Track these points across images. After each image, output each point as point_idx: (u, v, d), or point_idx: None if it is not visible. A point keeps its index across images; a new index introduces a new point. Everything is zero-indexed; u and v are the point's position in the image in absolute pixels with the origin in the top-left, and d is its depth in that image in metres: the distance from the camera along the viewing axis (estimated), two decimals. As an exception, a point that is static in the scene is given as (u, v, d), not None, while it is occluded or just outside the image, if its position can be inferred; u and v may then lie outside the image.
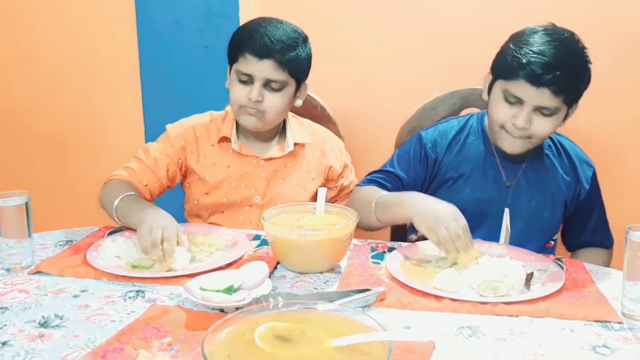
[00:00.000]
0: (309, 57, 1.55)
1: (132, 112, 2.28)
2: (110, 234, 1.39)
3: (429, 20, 2.01)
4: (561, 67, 1.29)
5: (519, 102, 1.34)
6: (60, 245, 1.34)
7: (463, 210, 1.37)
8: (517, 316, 1.02)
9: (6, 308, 1.03)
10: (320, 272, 1.21)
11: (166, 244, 1.20)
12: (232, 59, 1.52)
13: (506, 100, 1.36)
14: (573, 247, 1.60)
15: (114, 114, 2.34)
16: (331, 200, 1.70)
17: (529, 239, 1.46)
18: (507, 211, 1.42)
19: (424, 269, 1.22)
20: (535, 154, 1.48)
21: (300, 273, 1.20)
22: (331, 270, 1.22)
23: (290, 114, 1.67)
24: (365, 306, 1.05)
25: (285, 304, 0.91)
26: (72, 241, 1.36)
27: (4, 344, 0.91)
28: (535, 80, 1.29)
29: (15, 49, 2.34)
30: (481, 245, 1.31)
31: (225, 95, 1.59)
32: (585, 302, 1.07)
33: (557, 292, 1.09)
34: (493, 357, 0.90)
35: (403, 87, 2.07)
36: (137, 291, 1.11)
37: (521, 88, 1.32)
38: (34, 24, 2.30)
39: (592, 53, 1.36)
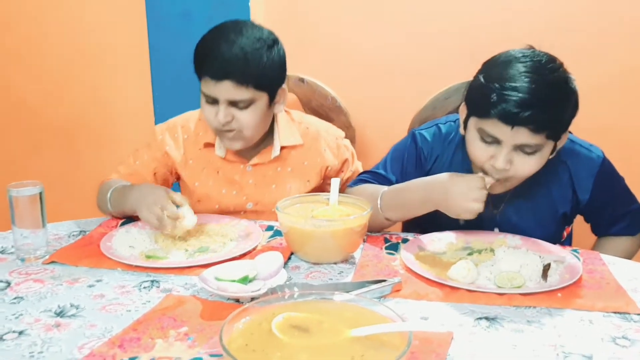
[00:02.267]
0: (278, 63, 1.42)
1: (142, 103, 2.27)
2: (123, 224, 1.39)
3: (442, 9, 1.99)
4: (538, 103, 1.14)
5: (496, 141, 1.21)
6: (73, 235, 1.34)
7: (450, 228, 1.33)
8: (535, 307, 1.01)
9: (22, 298, 1.03)
10: (335, 263, 1.20)
11: (166, 212, 1.24)
12: (197, 76, 1.44)
13: (482, 139, 1.23)
14: (599, 235, 1.50)
15: (124, 104, 2.34)
16: None
17: None
18: (496, 232, 1.36)
19: (439, 260, 1.21)
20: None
21: (315, 264, 1.20)
22: (345, 261, 1.21)
23: (280, 114, 1.56)
24: (381, 297, 1.04)
25: (302, 294, 0.90)
26: (85, 231, 1.36)
27: (20, 333, 0.91)
28: (510, 119, 1.15)
29: (25, 40, 2.34)
30: (496, 237, 1.30)
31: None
32: (603, 294, 1.05)
33: (575, 283, 1.08)
34: (512, 348, 0.89)
35: (415, 77, 2.05)
36: (152, 281, 1.10)
37: (496, 128, 1.18)
38: (43, 15, 2.30)
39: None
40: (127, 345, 0.88)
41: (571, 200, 1.38)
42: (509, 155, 1.20)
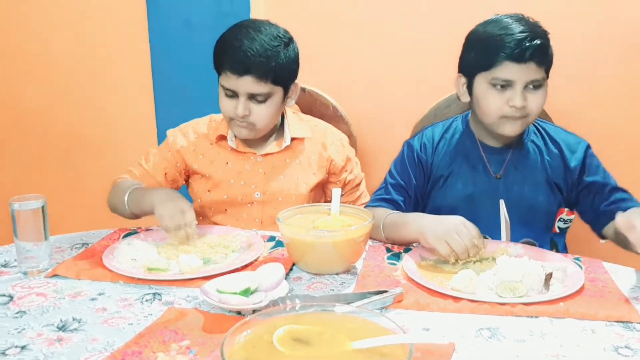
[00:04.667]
0: (293, 60, 1.51)
1: (144, 113, 2.28)
2: (125, 236, 1.39)
3: (442, 17, 2.00)
4: (535, 37, 1.33)
5: (509, 84, 1.35)
6: (76, 248, 1.34)
7: (458, 207, 1.42)
8: (537, 317, 1.01)
9: (24, 312, 1.03)
10: (336, 274, 1.20)
11: (189, 229, 1.31)
12: (217, 71, 1.52)
13: (495, 87, 1.37)
14: (601, 219, 1.44)
15: (126, 114, 2.34)
16: None
17: (529, 225, 1.46)
18: (502, 202, 1.43)
19: (441, 269, 1.21)
20: (519, 142, 1.48)
21: (316, 274, 1.20)
22: (347, 271, 1.21)
23: (290, 111, 1.68)
24: (383, 308, 1.04)
25: (303, 306, 0.91)
26: (87, 244, 1.36)
27: (23, 347, 0.92)
28: (520, 57, 1.32)
29: (26, 51, 2.35)
30: (498, 246, 1.30)
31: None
32: (605, 302, 1.05)
33: (577, 292, 1.08)
34: (514, 358, 0.89)
35: (416, 86, 2.05)
36: (154, 294, 1.11)
37: (508, 70, 1.34)
38: (44, 25, 2.31)
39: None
40: (129, 359, 0.88)
41: (563, 172, 1.48)
42: (523, 93, 1.35)
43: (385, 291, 1.06)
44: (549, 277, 1.11)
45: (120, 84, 2.32)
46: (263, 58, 1.42)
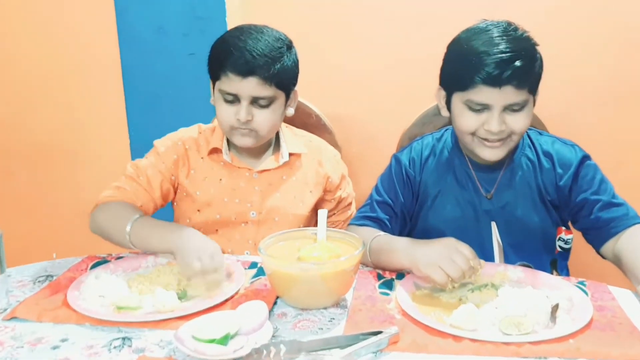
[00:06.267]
0: (295, 64, 1.44)
1: (116, 123, 2.16)
2: (93, 267, 1.28)
3: (429, 22, 1.91)
4: (515, 58, 1.20)
5: (485, 107, 1.25)
6: (39, 281, 1.23)
7: (447, 229, 1.33)
8: (546, 358, 0.92)
9: (-24, 366, 0.92)
10: (325, 308, 1.10)
11: (215, 275, 1.15)
12: (214, 76, 1.41)
13: (471, 109, 1.27)
14: (597, 238, 1.34)
15: (96, 125, 2.22)
16: (330, 212, 1.60)
17: (525, 248, 1.37)
18: (494, 225, 1.34)
19: (438, 300, 1.12)
20: (511, 159, 1.38)
21: (303, 309, 1.10)
22: (336, 304, 1.11)
23: (283, 125, 1.57)
24: (377, 350, 0.94)
25: (290, 358, 0.81)
26: (52, 276, 1.25)
27: (-28, 413, 0.81)
28: (496, 81, 1.21)
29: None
30: (497, 270, 1.22)
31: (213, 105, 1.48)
32: (617, 338, 0.97)
33: (586, 325, 1.00)
34: (525, 412, 0.80)
35: (403, 93, 1.96)
36: (124, 338, 1.00)
37: (483, 94, 1.23)
38: (10, 31, 2.18)
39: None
40: None
41: (555, 188, 1.37)
42: (501, 117, 1.25)
43: (380, 332, 0.96)
44: (555, 308, 1.03)
45: (89, 94, 2.19)
46: (268, 59, 1.35)
